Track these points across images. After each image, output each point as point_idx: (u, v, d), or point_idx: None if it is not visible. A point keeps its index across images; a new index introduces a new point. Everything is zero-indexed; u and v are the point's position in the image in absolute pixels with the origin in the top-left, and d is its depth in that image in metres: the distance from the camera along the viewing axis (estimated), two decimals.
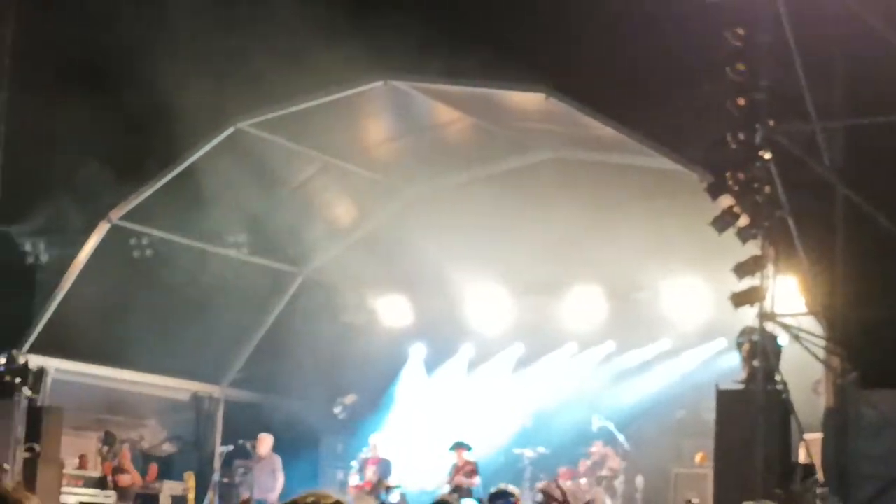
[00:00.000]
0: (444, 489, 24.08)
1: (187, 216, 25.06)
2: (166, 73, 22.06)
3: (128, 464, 25.57)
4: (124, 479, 25.16)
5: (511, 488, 15.20)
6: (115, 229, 24.95)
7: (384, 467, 25.43)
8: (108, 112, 22.76)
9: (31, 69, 24.63)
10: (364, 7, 21.95)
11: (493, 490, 14.07)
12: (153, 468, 26.25)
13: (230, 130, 24.20)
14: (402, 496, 24.66)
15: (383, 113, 25.25)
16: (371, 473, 25.12)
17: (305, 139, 25.28)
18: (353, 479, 25.66)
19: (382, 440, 26.25)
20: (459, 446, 24.65)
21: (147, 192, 24.78)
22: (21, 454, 23.23)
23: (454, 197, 26.21)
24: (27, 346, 24.73)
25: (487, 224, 25.14)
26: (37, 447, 23.34)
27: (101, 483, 25.06)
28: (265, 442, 25.44)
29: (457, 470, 24.37)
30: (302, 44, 21.49)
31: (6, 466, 22.90)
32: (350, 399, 27.92)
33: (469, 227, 25.15)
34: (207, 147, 24.28)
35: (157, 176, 24.64)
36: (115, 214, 24.86)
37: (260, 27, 22.56)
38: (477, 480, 24.25)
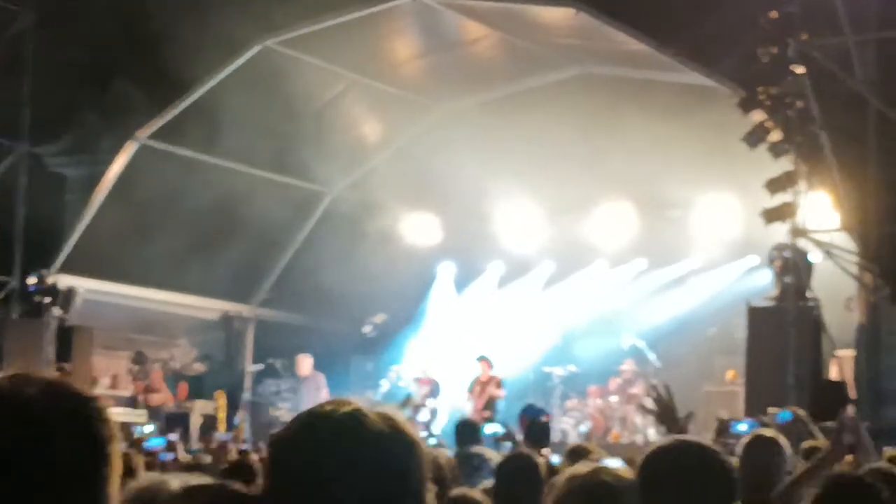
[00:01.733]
0: (468, 402, 23.98)
1: (215, 136, 24.96)
2: None
3: (159, 383, 25.66)
4: (156, 399, 25.26)
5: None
6: (143, 149, 24.90)
7: (434, 388, 25.43)
8: (134, 32, 22.65)
9: None
10: None
11: (524, 406, 14.04)
12: (184, 387, 26.33)
13: (257, 49, 24.07)
14: (433, 413, 24.68)
15: (411, 30, 25.06)
16: (422, 395, 25.08)
17: (333, 57, 25.11)
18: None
19: (429, 362, 26.22)
20: (485, 359, 24.53)
21: (175, 112, 24.69)
22: (53, 373, 23.33)
23: (483, 114, 26.04)
24: (57, 266, 24.80)
25: (517, 141, 24.98)
26: (67, 367, 23.45)
27: (132, 402, 25.19)
28: (305, 362, 25.46)
29: (480, 383, 24.21)
30: None
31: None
32: (380, 318, 27.93)
33: (498, 145, 25.00)
34: (235, 66, 24.17)
35: (184, 95, 24.53)
36: (143, 134, 24.81)
37: None
38: (503, 393, 24.21)
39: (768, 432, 7.77)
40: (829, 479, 5.84)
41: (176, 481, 3.36)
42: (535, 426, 13.15)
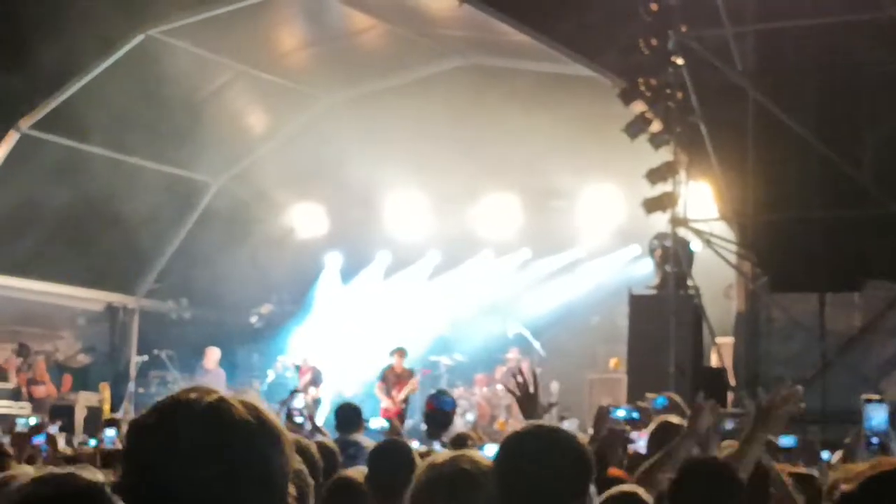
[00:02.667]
0: (380, 392, 23.89)
1: (98, 125, 24.72)
2: None
3: (43, 375, 25.41)
4: (39, 391, 25.02)
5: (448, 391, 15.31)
6: (24, 138, 24.60)
7: (316, 375, 25.41)
8: (14, 20, 22.39)
9: None
10: None
11: (433, 392, 14.07)
12: (68, 379, 26.10)
13: (140, 38, 23.86)
14: (315, 401, 24.68)
15: (297, 20, 25.03)
16: (304, 382, 25.06)
17: (217, 47, 24.99)
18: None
19: (310, 350, 26.21)
20: (401, 350, 24.39)
21: (57, 101, 24.42)
22: None
23: (369, 105, 26.08)
24: None
25: (403, 132, 25.03)
26: None
27: (15, 394, 24.92)
28: (211, 355, 25.42)
29: (395, 374, 24.08)
30: None
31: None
32: (266, 309, 27.91)
33: (384, 136, 25.06)
34: (118, 55, 23.94)
35: (66, 84, 24.27)
36: (25, 123, 24.51)
37: None
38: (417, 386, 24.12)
39: (674, 418, 7.96)
40: (684, 462, 6.00)
41: (35, 472, 3.34)
42: (438, 414, 13.20)
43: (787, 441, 8.69)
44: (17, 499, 3.15)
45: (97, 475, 3.22)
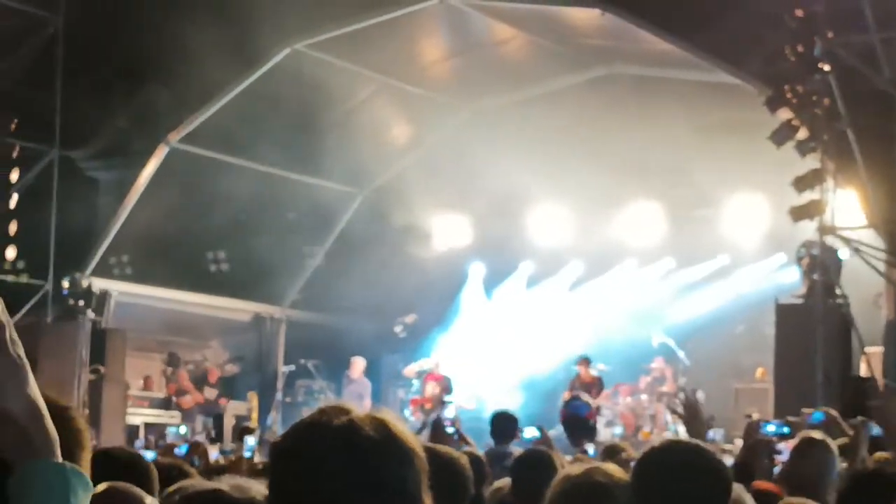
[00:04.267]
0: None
1: (245, 138, 25.14)
2: None
3: (187, 384, 25.86)
4: (186, 401, 25.48)
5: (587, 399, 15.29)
6: (174, 152, 25.08)
7: (445, 384, 25.50)
8: (164, 36, 22.81)
9: None
10: None
11: (566, 398, 14.06)
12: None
13: (286, 52, 24.21)
14: (456, 410, 24.75)
15: (439, 32, 25.18)
16: (431, 389, 25.17)
17: (362, 59, 25.23)
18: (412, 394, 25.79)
19: (444, 357, 26.31)
20: (584, 360, 24.30)
21: (205, 115, 24.87)
22: (86, 376, 23.59)
23: (511, 115, 26.12)
24: (90, 269, 25.00)
25: (545, 141, 25.05)
26: (102, 369, 23.72)
27: (165, 403, 25.41)
28: (357, 365, 25.68)
29: (582, 382, 23.94)
30: None
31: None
32: (410, 318, 28.04)
33: (527, 145, 25.08)
34: (264, 69, 24.32)
35: (214, 98, 24.71)
36: (174, 137, 24.98)
37: None
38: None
39: (817, 434, 7.83)
40: (852, 474, 5.94)
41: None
42: (575, 421, 13.19)
43: None
44: None
45: (254, 487, 3.32)
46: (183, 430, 22.77)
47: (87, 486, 2.52)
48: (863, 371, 19.41)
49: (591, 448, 11.65)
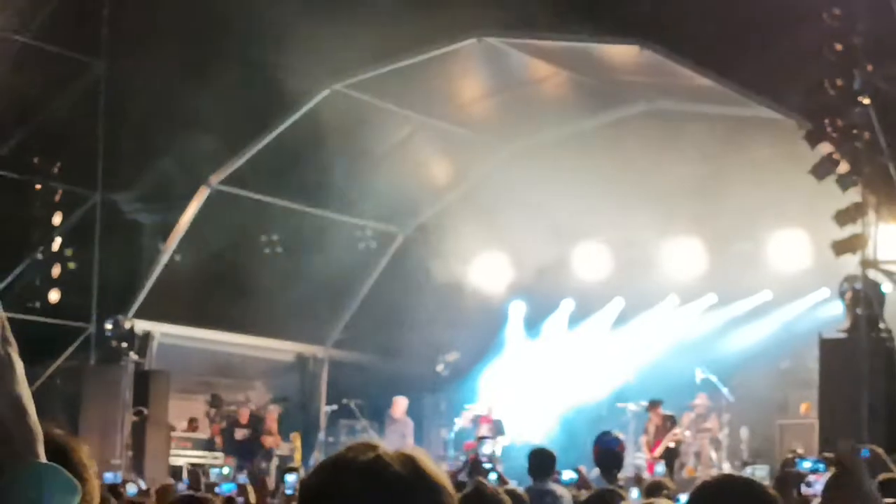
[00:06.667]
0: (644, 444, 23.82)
1: (286, 179, 25.26)
2: (261, 38, 22.23)
3: (272, 426, 25.85)
4: (268, 441, 25.48)
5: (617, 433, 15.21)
6: (215, 194, 25.20)
7: (497, 426, 25.44)
8: (204, 77, 22.96)
9: (129, 39, 24.90)
10: None
11: (597, 435, 14.00)
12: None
13: (325, 93, 24.34)
14: (498, 450, 24.68)
15: (478, 70, 25.26)
16: (485, 431, 25.13)
17: (401, 99, 25.35)
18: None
19: (496, 400, 26.28)
20: (657, 404, 24.32)
21: (246, 157, 25.00)
22: (130, 418, 23.67)
23: (551, 153, 26.12)
24: (133, 311, 25.11)
25: (585, 179, 25.03)
26: (145, 411, 23.79)
27: (209, 445, 25.43)
28: (399, 404, 25.69)
29: (656, 427, 23.93)
30: (394, 3, 21.54)
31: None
32: (452, 357, 28.03)
33: (567, 183, 25.05)
34: (303, 110, 24.44)
35: (254, 140, 24.85)
36: (215, 179, 25.11)
37: None
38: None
39: None
40: None
41: None
42: (607, 454, 13.16)
43: None
44: None
45: None
46: (226, 470, 22.77)
47: (70, 488, 2.51)
48: None
49: (634, 492, 11.58)
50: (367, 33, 22.17)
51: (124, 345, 24.50)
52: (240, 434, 25.53)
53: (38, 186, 26.24)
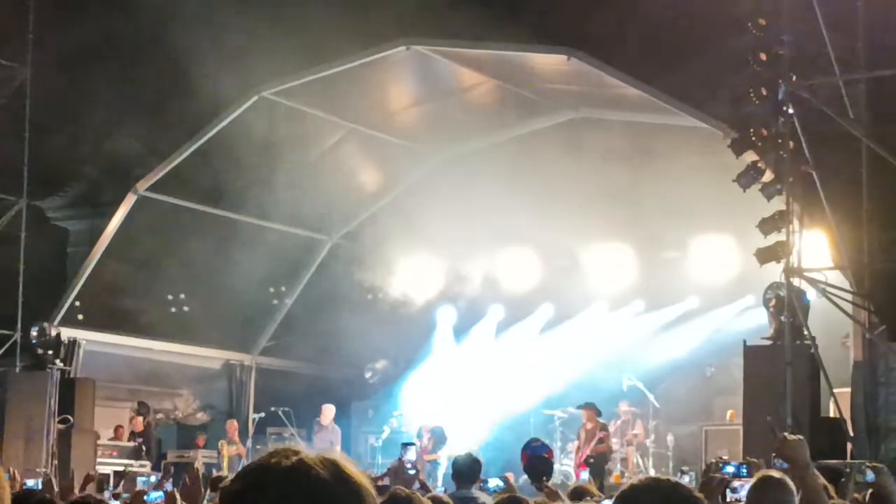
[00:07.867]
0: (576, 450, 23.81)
1: (214, 185, 25.16)
2: (189, 45, 22.13)
3: (234, 435, 25.76)
4: (231, 450, 25.39)
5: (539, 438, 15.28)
6: (142, 200, 25.04)
7: (437, 434, 25.45)
8: (131, 85, 22.85)
9: (54, 45, 24.72)
10: None
11: (525, 443, 14.05)
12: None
13: (253, 99, 24.27)
14: (418, 452, 24.65)
15: (407, 78, 25.29)
16: (426, 440, 25.16)
17: (329, 106, 25.33)
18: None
19: (430, 411, 26.27)
20: (591, 406, 24.25)
21: (173, 163, 24.86)
22: (55, 425, 23.46)
23: (479, 160, 26.20)
24: (58, 318, 24.89)
25: (514, 186, 25.10)
26: (70, 418, 23.58)
27: (136, 453, 25.25)
28: (327, 412, 25.68)
29: (585, 430, 23.91)
30: (323, 10, 21.54)
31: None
32: (381, 364, 28.04)
33: (496, 190, 25.13)
34: (231, 116, 24.36)
35: (182, 146, 24.72)
36: (142, 185, 24.96)
37: None
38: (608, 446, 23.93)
39: (776, 473, 7.85)
40: None
41: None
42: (536, 461, 13.21)
43: None
44: None
45: None
46: (153, 478, 22.63)
47: None
48: (831, 412, 19.46)
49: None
50: (295, 40, 22.17)
51: (50, 352, 24.28)
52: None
53: None
